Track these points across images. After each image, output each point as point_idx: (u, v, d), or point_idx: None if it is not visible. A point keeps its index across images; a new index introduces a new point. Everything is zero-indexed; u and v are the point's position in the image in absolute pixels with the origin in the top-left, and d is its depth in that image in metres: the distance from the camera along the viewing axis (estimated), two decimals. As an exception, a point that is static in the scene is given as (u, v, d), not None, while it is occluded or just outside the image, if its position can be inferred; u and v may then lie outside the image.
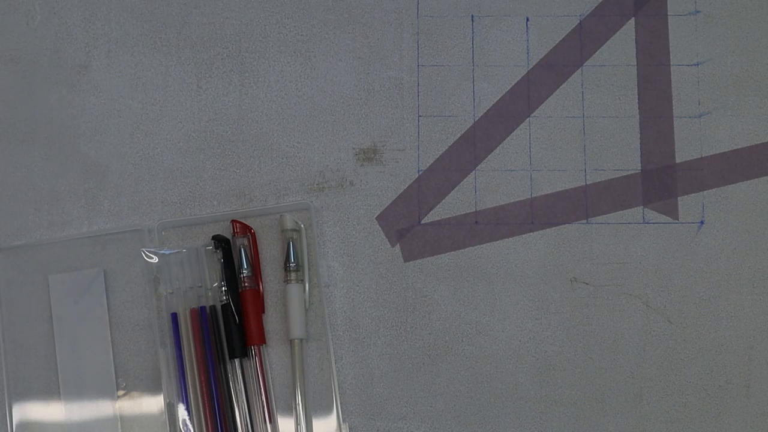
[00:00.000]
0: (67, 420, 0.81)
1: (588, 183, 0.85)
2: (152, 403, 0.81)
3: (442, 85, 0.86)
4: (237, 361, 0.81)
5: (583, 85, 0.86)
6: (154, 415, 0.81)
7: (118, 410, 0.81)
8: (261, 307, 0.82)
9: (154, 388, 0.81)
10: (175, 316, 0.81)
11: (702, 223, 0.84)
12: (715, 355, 0.82)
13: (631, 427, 0.81)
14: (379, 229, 0.84)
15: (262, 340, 0.81)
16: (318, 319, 0.82)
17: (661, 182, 0.85)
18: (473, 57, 0.87)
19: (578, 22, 0.87)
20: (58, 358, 0.81)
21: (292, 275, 0.81)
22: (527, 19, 0.87)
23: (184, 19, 0.87)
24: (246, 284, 0.81)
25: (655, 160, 0.85)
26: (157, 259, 0.82)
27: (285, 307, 0.82)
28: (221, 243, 0.82)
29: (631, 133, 0.85)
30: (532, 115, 0.86)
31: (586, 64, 0.87)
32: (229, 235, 0.83)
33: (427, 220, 0.84)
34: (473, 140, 0.85)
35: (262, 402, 0.80)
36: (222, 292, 0.81)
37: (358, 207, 0.84)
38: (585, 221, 0.84)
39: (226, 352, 0.81)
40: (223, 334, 0.81)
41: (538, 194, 0.85)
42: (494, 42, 0.87)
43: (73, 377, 0.81)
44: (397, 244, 0.84)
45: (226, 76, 0.86)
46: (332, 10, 0.87)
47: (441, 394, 0.82)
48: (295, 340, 0.81)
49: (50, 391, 0.81)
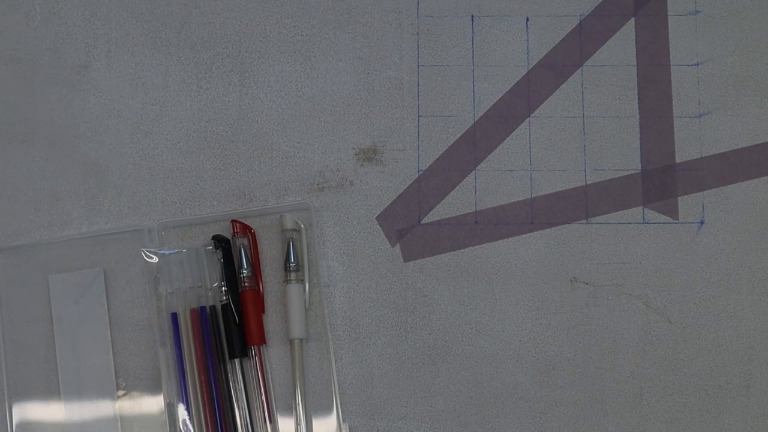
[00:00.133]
0: (67, 420, 0.81)
1: (588, 183, 0.85)
2: (152, 403, 0.81)
3: (442, 85, 0.86)
4: (237, 361, 0.81)
5: (583, 85, 0.86)
6: (154, 415, 0.81)
7: (118, 410, 0.81)
8: (261, 307, 0.82)
9: (154, 388, 0.81)
10: (175, 316, 0.81)
11: (702, 223, 0.84)
12: (715, 355, 0.82)
13: (631, 427, 0.81)
14: (379, 229, 0.84)
15: (262, 340, 0.81)
16: (318, 319, 0.82)
17: (661, 182, 0.85)
18: (473, 57, 0.87)
19: (578, 22, 0.87)
20: (58, 358, 0.81)
21: (292, 275, 0.81)
22: (527, 19, 0.87)
23: (184, 19, 0.87)
24: (246, 284, 0.81)
25: (655, 160, 0.85)
26: (157, 259, 0.82)
27: (285, 307, 0.82)
28: (221, 243, 0.82)
29: (631, 133, 0.85)
30: (532, 115, 0.86)
31: (586, 64, 0.86)
32: (229, 235, 0.83)
33: (427, 220, 0.84)
34: (473, 140, 0.85)
35: (262, 402, 0.80)
36: (222, 292, 0.81)
37: (358, 207, 0.84)
38: (585, 221, 0.84)
39: (226, 352, 0.81)
40: (223, 334, 0.81)
41: (538, 194, 0.84)
42: (494, 42, 0.87)
43: (73, 377, 0.81)
44: (397, 244, 0.84)
45: (226, 76, 0.86)
46: (332, 10, 0.87)
47: (441, 394, 0.82)
48: (295, 340, 0.81)
49: (50, 391, 0.81)
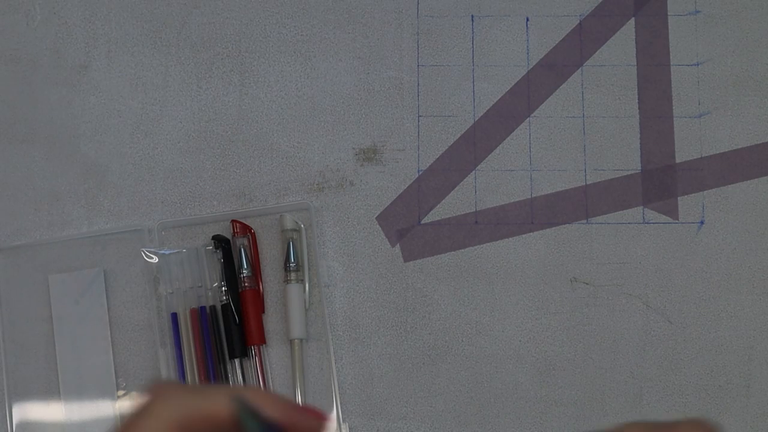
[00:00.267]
0: (67, 420, 0.81)
1: (588, 183, 0.85)
2: (152, 403, 0.81)
3: (442, 85, 0.86)
4: (237, 361, 0.81)
5: (583, 85, 0.86)
6: (154, 415, 0.81)
7: (118, 410, 0.81)
8: (261, 307, 0.82)
9: (154, 388, 0.81)
10: (175, 316, 0.81)
11: (702, 223, 0.84)
12: (715, 355, 0.82)
13: (631, 427, 0.81)
14: (379, 229, 0.84)
15: (262, 340, 0.81)
16: (318, 319, 0.82)
17: (661, 182, 0.85)
18: (473, 57, 0.87)
19: (578, 22, 0.87)
20: (58, 358, 0.81)
21: (292, 275, 0.81)
22: (527, 19, 0.87)
23: (184, 19, 0.87)
24: (246, 284, 0.81)
25: (655, 160, 0.85)
26: (157, 259, 0.82)
27: (285, 307, 0.82)
28: (221, 243, 0.82)
29: (631, 133, 0.85)
30: (532, 115, 0.86)
31: (586, 64, 0.86)
32: (229, 235, 0.83)
33: (427, 220, 0.84)
34: (473, 140, 0.85)
35: (262, 402, 0.80)
36: (222, 292, 0.81)
37: (358, 207, 0.84)
38: (585, 221, 0.84)
39: (226, 352, 0.81)
40: (223, 334, 0.81)
41: (538, 194, 0.84)
42: (494, 42, 0.87)
43: (73, 377, 0.81)
44: (397, 244, 0.84)
45: (226, 76, 0.86)
46: (332, 10, 0.87)
47: (441, 394, 0.82)
48: (295, 340, 0.81)
49: (50, 391, 0.81)
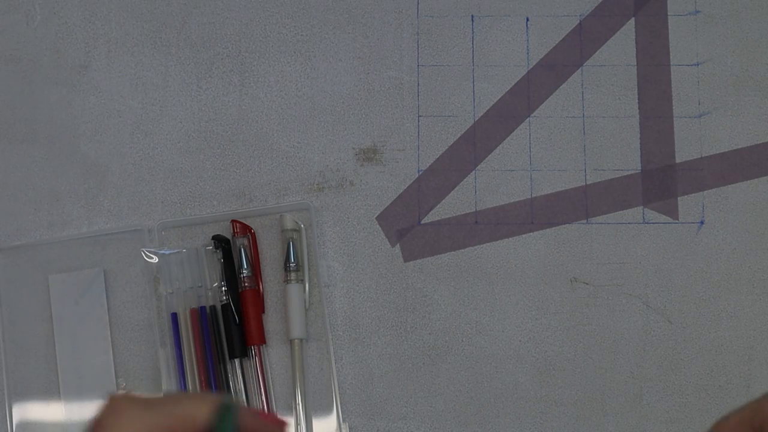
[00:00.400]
0: (67, 420, 0.81)
1: (588, 183, 0.85)
2: (152, 403, 0.81)
3: (442, 85, 0.86)
4: (237, 361, 0.81)
5: (583, 85, 0.86)
6: (154, 415, 0.81)
7: (118, 410, 0.81)
8: (261, 307, 0.82)
9: (154, 388, 0.81)
10: (175, 316, 0.81)
11: (702, 223, 0.84)
12: (715, 355, 0.82)
13: (631, 427, 0.81)
14: (379, 229, 0.84)
15: (262, 340, 0.81)
16: (318, 319, 0.82)
17: (661, 182, 0.85)
18: (473, 57, 0.87)
19: (578, 22, 0.87)
20: (58, 358, 0.81)
21: (292, 275, 0.81)
22: (527, 19, 0.87)
23: (184, 19, 0.87)
24: (246, 284, 0.81)
25: (655, 160, 0.85)
26: (157, 259, 0.82)
27: (285, 307, 0.82)
28: (221, 243, 0.82)
29: (631, 133, 0.85)
30: (532, 115, 0.86)
31: (586, 64, 0.86)
32: (229, 235, 0.83)
33: (427, 220, 0.84)
34: (473, 140, 0.85)
35: (262, 402, 0.80)
36: (222, 292, 0.81)
37: (358, 207, 0.84)
38: (585, 221, 0.84)
39: (226, 352, 0.81)
40: (223, 334, 0.81)
41: (538, 194, 0.84)
42: (494, 42, 0.87)
43: (73, 377, 0.81)
44: (397, 244, 0.84)
45: (226, 76, 0.86)
46: (332, 10, 0.87)
47: (441, 394, 0.82)
48: (295, 340, 0.81)
49: (50, 391, 0.81)
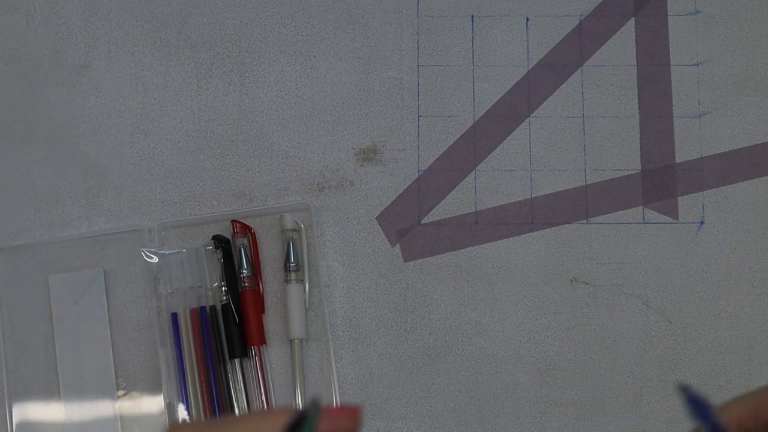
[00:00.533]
0: (67, 420, 0.81)
1: (588, 183, 0.85)
2: (152, 403, 0.81)
3: (442, 85, 0.86)
4: (237, 361, 0.81)
5: (583, 85, 0.86)
6: (154, 415, 0.81)
7: (118, 410, 0.81)
8: (261, 307, 0.82)
9: (154, 388, 0.81)
10: (175, 316, 0.81)
11: (702, 223, 0.84)
12: (715, 355, 0.82)
13: (631, 427, 0.81)
14: (379, 229, 0.84)
15: (262, 340, 0.81)
16: (318, 319, 0.82)
17: (661, 182, 0.85)
18: (473, 57, 0.87)
19: (578, 22, 0.87)
20: (58, 358, 0.81)
21: (292, 275, 0.81)
22: (527, 19, 0.87)
23: (184, 19, 0.87)
24: (246, 284, 0.81)
25: (655, 160, 0.85)
26: (157, 259, 0.82)
27: (285, 307, 0.82)
28: (221, 243, 0.82)
29: (631, 133, 0.85)
30: (532, 115, 0.86)
31: (586, 64, 0.86)
32: (229, 235, 0.83)
33: (427, 220, 0.84)
34: (473, 140, 0.85)
35: (262, 402, 0.80)
36: (222, 292, 0.81)
37: (358, 207, 0.84)
38: (585, 221, 0.84)
39: (226, 352, 0.81)
40: (223, 334, 0.81)
41: (538, 194, 0.84)
42: (494, 42, 0.87)
43: (73, 377, 0.81)
44: (397, 244, 0.84)
45: (226, 76, 0.86)
46: (332, 10, 0.87)
47: (441, 394, 0.82)
48: (295, 340, 0.81)
49: (50, 391, 0.81)
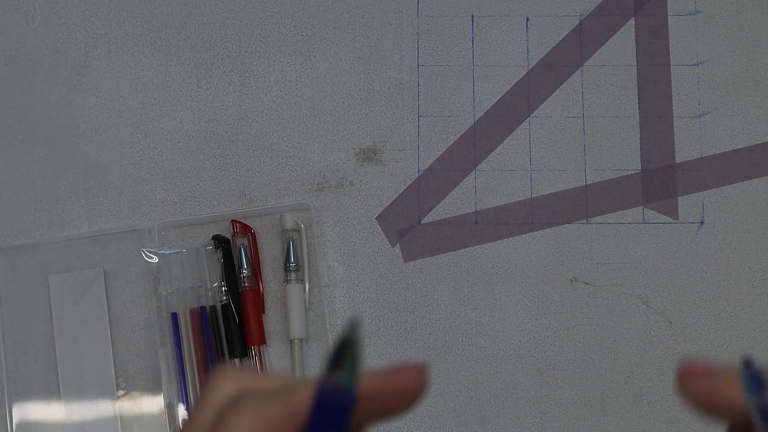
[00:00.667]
0: (67, 420, 0.80)
1: (588, 183, 0.85)
2: (152, 403, 0.81)
3: (442, 85, 0.86)
4: (237, 361, 0.81)
5: (583, 85, 0.86)
6: (154, 415, 0.81)
7: (118, 410, 0.81)
8: (261, 307, 0.82)
9: (154, 388, 0.81)
10: (175, 316, 0.81)
11: (702, 223, 0.84)
12: (715, 355, 0.82)
13: (631, 427, 0.81)
14: (379, 229, 0.84)
15: (262, 340, 0.81)
16: (318, 319, 0.82)
17: (661, 182, 0.85)
18: (473, 57, 0.87)
19: (578, 22, 0.87)
20: (58, 358, 0.81)
21: (292, 275, 0.81)
22: (527, 19, 0.87)
23: (184, 19, 0.87)
24: (246, 284, 0.81)
25: (655, 160, 0.85)
26: (157, 259, 0.82)
27: (285, 307, 0.82)
28: (221, 243, 0.82)
29: (631, 133, 0.85)
30: (532, 115, 0.86)
31: (586, 64, 0.86)
32: (229, 235, 0.83)
33: (427, 220, 0.84)
34: (473, 140, 0.85)
35: (262, 402, 0.80)
36: (222, 292, 0.81)
37: (358, 207, 0.84)
38: (585, 221, 0.84)
39: (226, 352, 0.81)
40: (223, 334, 0.81)
41: (538, 194, 0.84)
42: (494, 42, 0.87)
43: (73, 377, 0.81)
44: (397, 244, 0.84)
45: (226, 76, 0.86)
46: (332, 10, 0.87)
47: (441, 394, 0.82)
48: (295, 340, 0.81)
49: (50, 391, 0.81)
